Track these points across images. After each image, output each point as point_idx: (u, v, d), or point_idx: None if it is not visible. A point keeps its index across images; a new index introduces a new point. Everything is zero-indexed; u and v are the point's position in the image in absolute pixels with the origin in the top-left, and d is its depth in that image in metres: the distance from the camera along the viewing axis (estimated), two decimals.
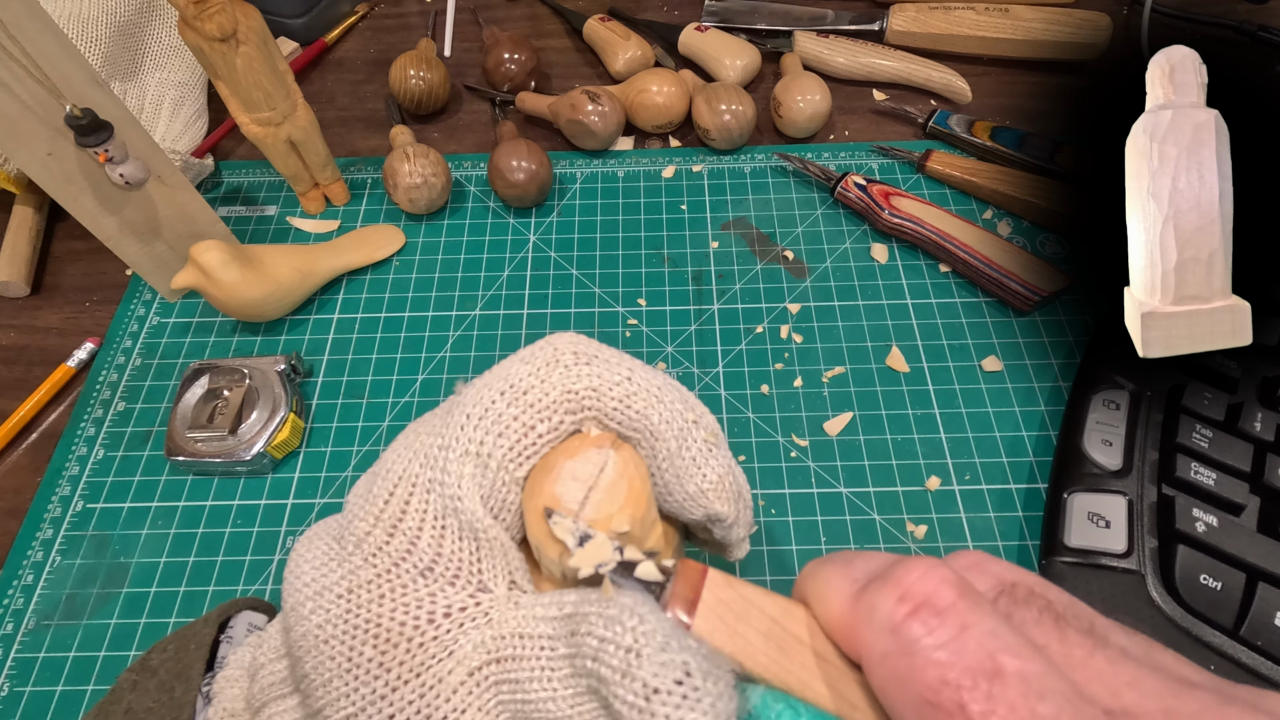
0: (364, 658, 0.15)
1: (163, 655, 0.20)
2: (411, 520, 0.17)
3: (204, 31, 0.34)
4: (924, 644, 0.12)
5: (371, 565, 0.16)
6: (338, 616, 0.16)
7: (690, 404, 0.19)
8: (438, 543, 0.16)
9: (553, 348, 0.18)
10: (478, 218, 0.45)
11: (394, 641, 0.15)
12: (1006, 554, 0.33)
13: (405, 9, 0.58)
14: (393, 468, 0.18)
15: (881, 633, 0.12)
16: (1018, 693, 0.11)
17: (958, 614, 0.12)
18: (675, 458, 0.18)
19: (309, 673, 0.16)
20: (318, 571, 0.17)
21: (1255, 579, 0.28)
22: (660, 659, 0.13)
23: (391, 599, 0.16)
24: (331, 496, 0.35)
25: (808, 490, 0.34)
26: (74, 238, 0.44)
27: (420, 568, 0.16)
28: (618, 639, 0.13)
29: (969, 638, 0.12)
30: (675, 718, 0.12)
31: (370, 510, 0.17)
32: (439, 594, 0.16)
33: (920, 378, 0.38)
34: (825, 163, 0.46)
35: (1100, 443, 0.33)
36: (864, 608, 0.13)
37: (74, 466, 0.36)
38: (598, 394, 0.18)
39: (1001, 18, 0.49)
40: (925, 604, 0.12)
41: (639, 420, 0.18)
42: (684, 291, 0.41)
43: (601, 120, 0.45)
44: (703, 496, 0.18)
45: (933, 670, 0.11)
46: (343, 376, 0.39)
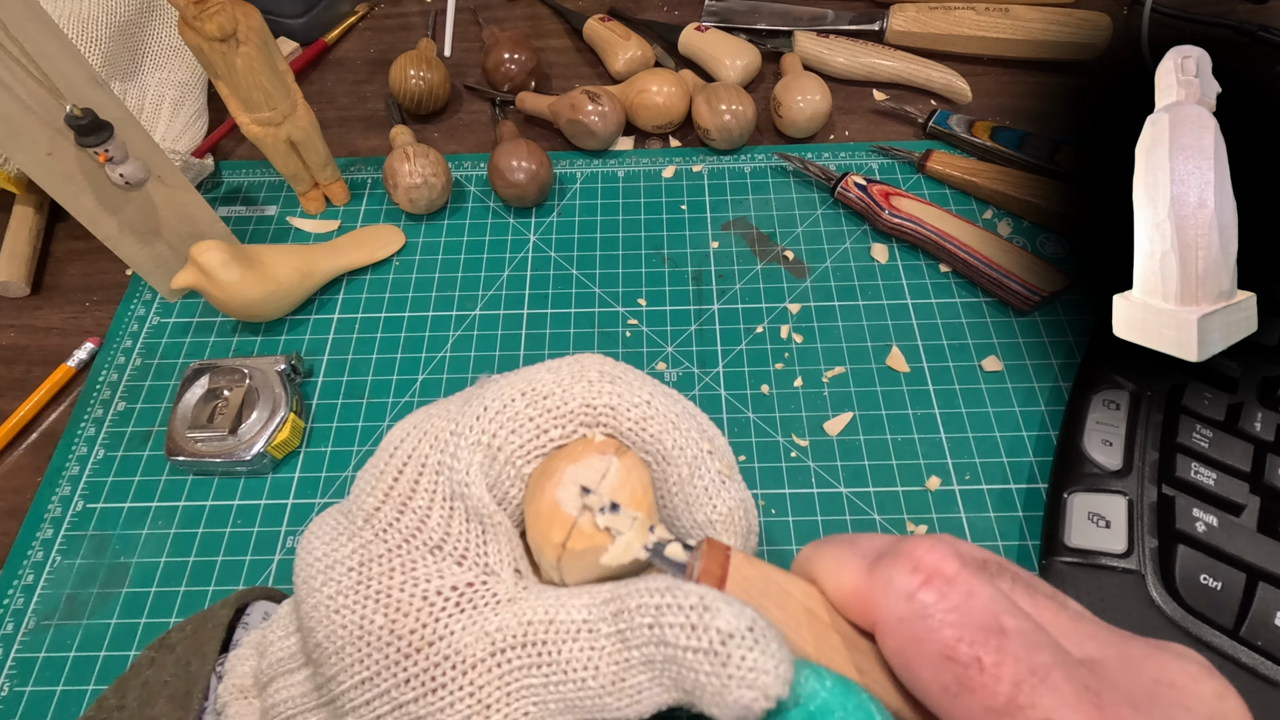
0: (375, 625, 0.15)
1: (181, 634, 0.21)
2: (421, 499, 0.17)
3: (204, 31, 0.34)
4: (938, 608, 0.13)
5: (383, 540, 0.17)
6: (349, 587, 0.16)
7: (708, 434, 0.19)
8: (446, 522, 0.17)
9: (579, 364, 0.19)
10: (478, 218, 0.45)
11: (405, 611, 0.16)
12: (1007, 554, 0.33)
13: (405, 9, 0.58)
14: (401, 446, 0.18)
15: (898, 600, 0.14)
16: (1019, 645, 0.12)
17: (964, 581, 0.13)
18: (686, 484, 0.18)
19: (321, 641, 0.16)
20: (328, 546, 0.17)
21: (1255, 579, 0.28)
22: (731, 610, 0.14)
23: (402, 572, 0.16)
24: (331, 496, 0.35)
25: (808, 490, 0.34)
26: (74, 238, 0.44)
27: (430, 545, 0.17)
28: (681, 601, 0.14)
29: (975, 602, 0.13)
30: (750, 659, 0.13)
31: (380, 486, 0.17)
32: (447, 571, 0.16)
33: (920, 378, 0.38)
34: (825, 163, 0.46)
35: (1100, 443, 0.33)
36: (879, 580, 0.14)
37: (74, 466, 0.36)
38: (615, 412, 0.18)
39: (1001, 18, 0.49)
40: (936, 573, 0.14)
41: (653, 444, 0.18)
42: (684, 291, 0.41)
43: (601, 120, 0.45)
44: (710, 527, 0.19)
45: (948, 630, 0.13)
46: (343, 376, 0.39)
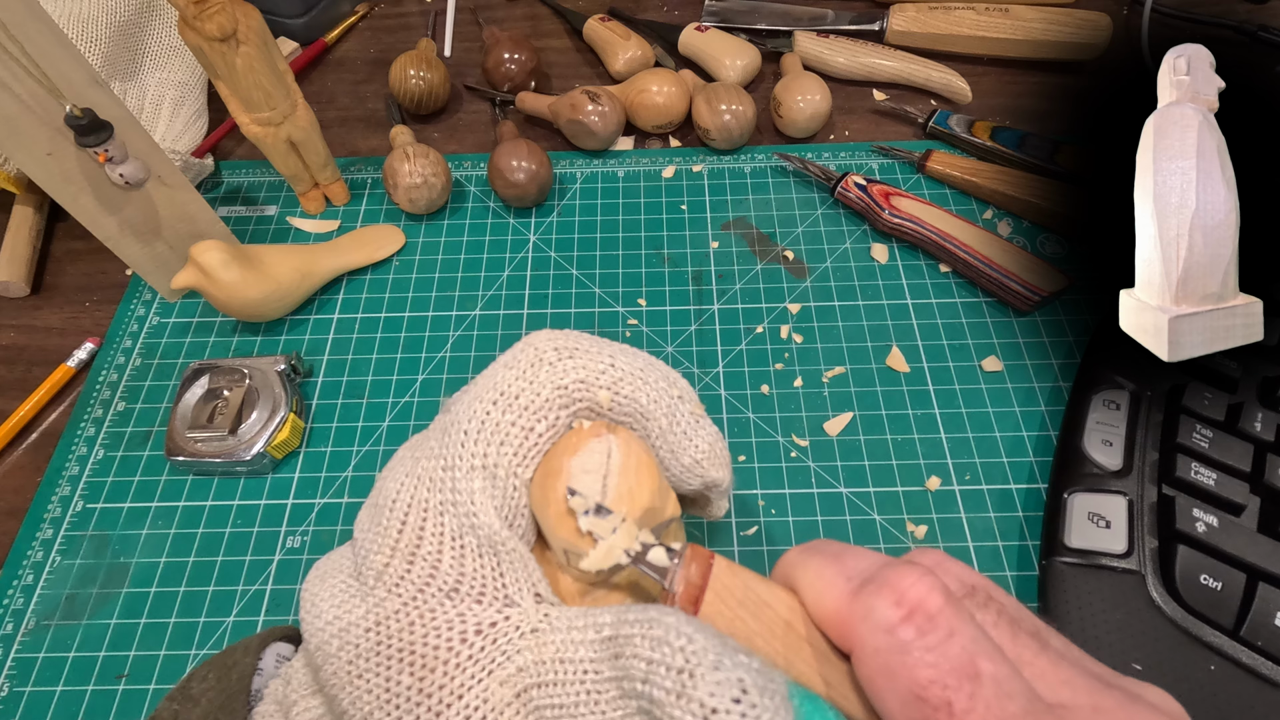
0: (403, 686, 0.15)
1: (203, 685, 0.20)
2: (429, 545, 0.17)
3: (204, 31, 0.34)
4: (916, 645, 0.13)
5: (396, 595, 0.16)
6: (368, 650, 0.16)
7: (672, 380, 0.20)
8: (459, 563, 0.16)
9: (534, 348, 0.19)
10: (478, 218, 0.45)
11: (430, 666, 0.15)
12: (1007, 554, 0.33)
13: (405, 9, 0.58)
14: (399, 497, 0.17)
15: (877, 631, 0.14)
16: (992, 693, 0.12)
17: (946, 620, 0.13)
18: (668, 434, 0.19)
19: (347, 709, 0.16)
20: (340, 609, 0.17)
21: (1255, 579, 0.28)
22: (715, 678, 0.13)
23: (422, 624, 0.16)
24: (331, 496, 0.35)
25: (808, 490, 0.34)
26: (74, 238, 0.44)
27: (445, 590, 0.16)
28: (668, 660, 0.13)
29: (954, 643, 0.13)
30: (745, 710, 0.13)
31: (385, 542, 0.17)
32: (468, 613, 0.16)
33: (920, 378, 0.38)
34: (825, 163, 0.46)
35: (1100, 443, 0.33)
36: (861, 607, 0.14)
37: (74, 466, 0.36)
38: (586, 385, 0.18)
39: (1001, 18, 0.49)
40: (918, 609, 0.13)
41: (629, 404, 0.18)
42: (684, 291, 0.41)
43: (601, 120, 0.45)
44: (699, 466, 0.19)
45: (923, 670, 0.13)
46: (343, 376, 0.39)
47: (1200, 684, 0.27)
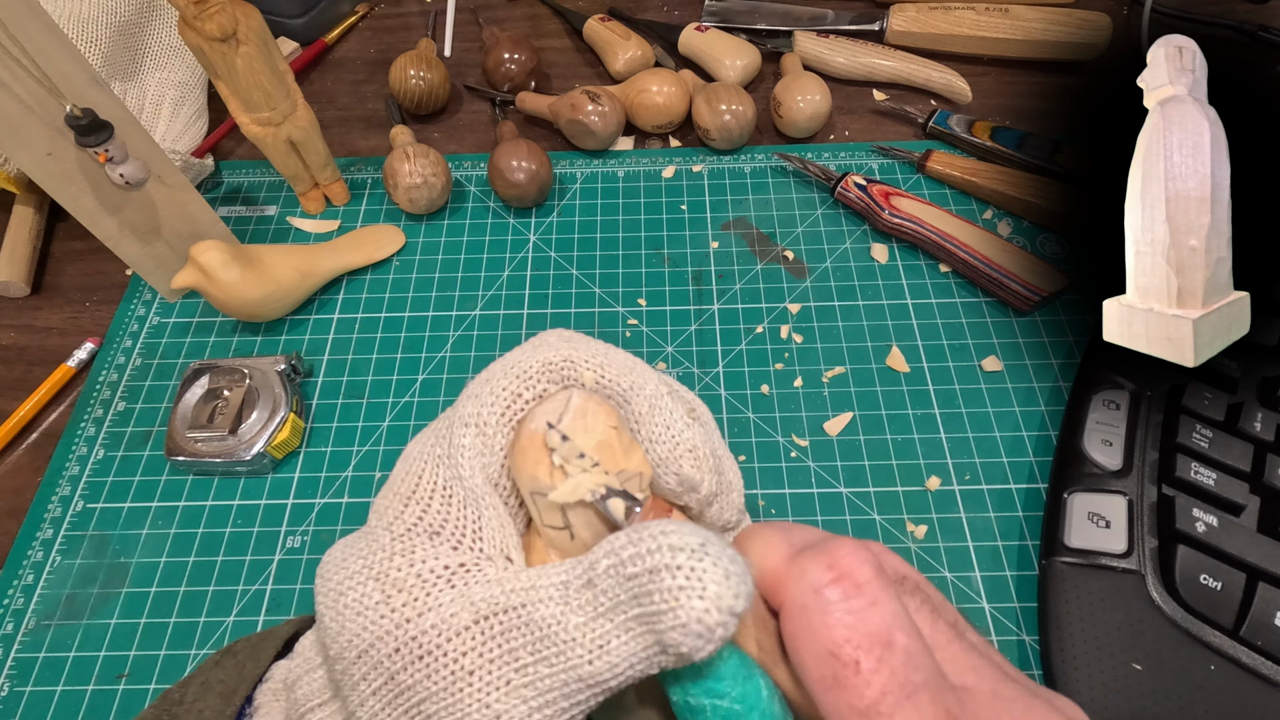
0: (373, 600, 0.17)
1: (246, 643, 0.22)
2: (424, 490, 0.18)
3: (204, 31, 0.34)
4: (838, 607, 0.14)
5: (388, 531, 0.18)
6: (355, 572, 0.17)
7: (668, 382, 0.21)
8: (445, 509, 0.18)
9: (542, 338, 0.21)
10: (478, 218, 0.45)
11: (399, 587, 0.17)
12: (1006, 554, 0.33)
13: (405, 9, 0.58)
14: (412, 449, 0.19)
15: (805, 590, 0.15)
16: (900, 661, 0.14)
17: (871, 590, 0.14)
18: (645, 420, 0.19)
19: (328, 626, 0.17)
20: (343, 549, 0.18)
21: (1255, 579, 0.28)
22: (685, 528, 0.14)
23: (402, 556, 0.17)
24: (331, 496, 0.35)
25: (808, 490, 0.34)
26: (74, 238, 0.44)
27: (430, 531, 0.18)
28: (640, 534, 0.15)
29: (875, 612, 0.14)
30: (700, 569, 0.14)
31: (393, 489, 0.19)
32: (443, 554, 0.17)
33: (920, 378, 0.38)
34: (825, 163, 0.46)
35: (1100, 443, 0.33)
36: (796, 569, 0.15)
37: (74, 466, 0.36)
38: (573, 363, 0.19)
39: (1001, 18, 0.49)
40: (847, 576, 0.14)
41: (611, 386, 0.19)
42: (684, 291, 0.41)
43: (601, 120, 0.45)
44: (675, 462, 0.19)
45: (840, 630, 0.14)
46: (343, 376, 0.39)
47: (1200, 684, 0.27)
